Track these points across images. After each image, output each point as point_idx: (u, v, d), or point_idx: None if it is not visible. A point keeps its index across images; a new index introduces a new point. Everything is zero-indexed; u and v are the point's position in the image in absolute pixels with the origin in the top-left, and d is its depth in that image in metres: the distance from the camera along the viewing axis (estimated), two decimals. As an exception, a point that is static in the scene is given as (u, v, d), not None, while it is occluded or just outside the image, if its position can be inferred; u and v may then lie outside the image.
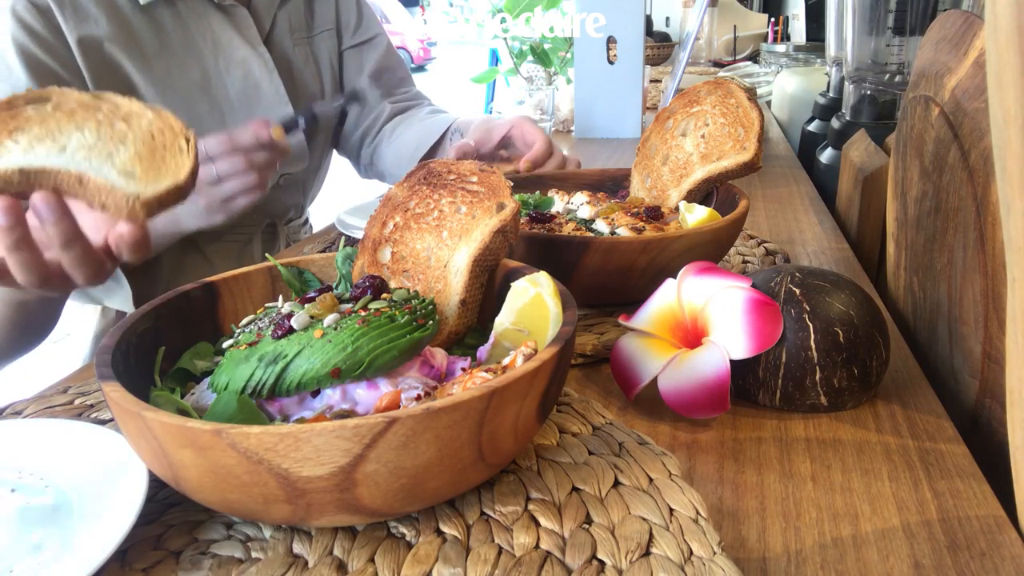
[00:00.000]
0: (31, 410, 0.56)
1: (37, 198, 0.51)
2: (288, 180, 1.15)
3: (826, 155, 1.29)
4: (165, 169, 0.50)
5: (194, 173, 0.50)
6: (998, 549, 0.41)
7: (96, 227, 0.62)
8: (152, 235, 0.71)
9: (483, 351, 0.50)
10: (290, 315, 0.46)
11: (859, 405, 0.54)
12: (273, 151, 0.84)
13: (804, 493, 0.46)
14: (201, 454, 0.36)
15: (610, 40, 1.58)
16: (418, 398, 0.43)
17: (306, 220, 1.26)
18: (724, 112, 0.77)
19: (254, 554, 0.41)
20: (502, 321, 0.50)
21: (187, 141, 0.51)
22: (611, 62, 1.59)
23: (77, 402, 0.58)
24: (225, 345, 0.50)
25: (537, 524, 0.42)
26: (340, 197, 1.38)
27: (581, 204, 0.76)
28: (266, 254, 0.80)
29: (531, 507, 0.43)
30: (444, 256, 0.54)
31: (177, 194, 0.50)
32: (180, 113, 0.85)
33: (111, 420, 0.54)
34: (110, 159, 0.49)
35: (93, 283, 0.61)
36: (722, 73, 2.55)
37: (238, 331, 0.50)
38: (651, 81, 2.09)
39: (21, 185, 0.49)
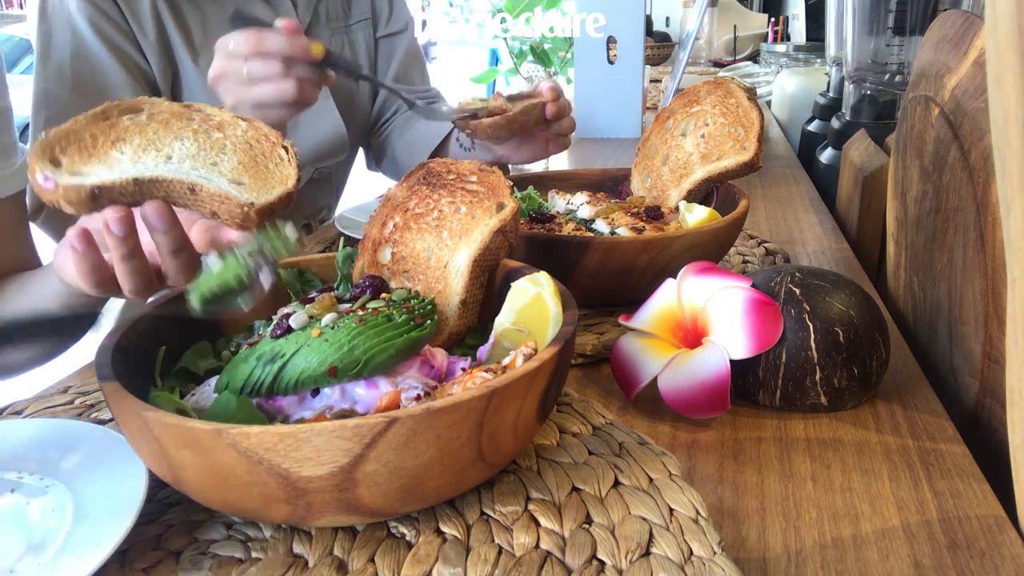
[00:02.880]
0: (31, 410, 0.56)
1: (149, 208, 0.50)
2: (322, 174, 1.15)
3: (826, 155, 1.29)
4: (271, 177, 0.51)
5: (299, 181, 0.51)
6: (998, 549, 0.41)
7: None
8: None
9: (483, 351, 0.50)
10: (289, 315, 0.46)
11: (859, 405, 0.54)
12: (312, 70, 0.78)
13: (804, 493, 0.46)
14: (201, 454, 0.36)
15: (610, 40, 1.58)
16: (418, 398, 0.43)
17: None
18: (724, 112, 0.77)
19: (254, 554, 0.41)
20: (502, 321, 0.50)
21: (286, 150, 0.52)
22: (611, 62, 1.59)
23: (77, 402, 0.58)
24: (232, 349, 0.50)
25: (537, 524, 0.42)
26: (345, 194, 1.38)
27: (581, 204, 0.76)
28: None
29: (531, 507, 0.43)
30: (444, 256, 0.54)
31: (287, 201, 0.50)
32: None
33: (111, 420, 0.54)
34: (216, 168, 0.50)
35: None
36: (722, 73, 2.55)
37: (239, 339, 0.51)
38: (651, 81, 2.09)
39: (134, 195, 0.49)
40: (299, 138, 1.06)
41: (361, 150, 1.33)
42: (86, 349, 1.10)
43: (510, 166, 1.10)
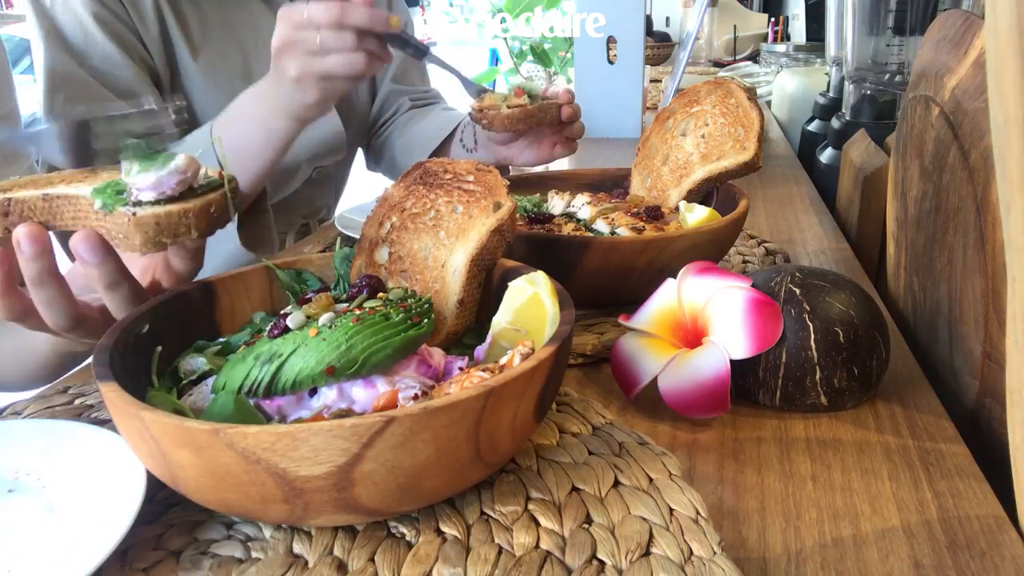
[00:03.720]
0: (31, 410, 0.56)
1: (78, 238, 0.49)
2: (321, 174, 1.15)
3: (826, 155, 1.29)
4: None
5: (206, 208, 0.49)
6: (998, 549, 0.40)
7: (143, 268, 0.59)
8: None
9: (480, 351, 0.50)
10: (286, 315, 0.46)
11: (859, 405, 0.54)
12: (380, 44, 0.77)
13: (804, 493, 0.46)
14: (199, 454, 0.36)
15: (610, 40, 1.58)
16: (415, 397, 0.43)
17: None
18: (724, 112, 0.77)
19: (254, 554, 0.41)
20: (499, 321, 0.49)
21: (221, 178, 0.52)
22: (611, 62, 1.59)
23: (77, 402, 0.58)
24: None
25: (537, 524, 0.42)
26: (345, 194, 1.38)
27: (582, 205, 0.76)
28: (262, 258, 0.74)
29: (531, 507, 0.43)
30: (441, 256, 0.54)
31: (181, 216, 0.48)
32: (223, 101, 0.85)
33: (110, 420, 0.54)
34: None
35: None
36: (722, 73, 2.55)
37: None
38: (651, 81, 2.09)
39: (44, 213, 0.49)
40: (297, 138, 1.06)
41: (360, 150, 1.33)
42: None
43: (511, 168, 1.10)
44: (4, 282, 0.50)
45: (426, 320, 0.47)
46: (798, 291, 0.53)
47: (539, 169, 1.12)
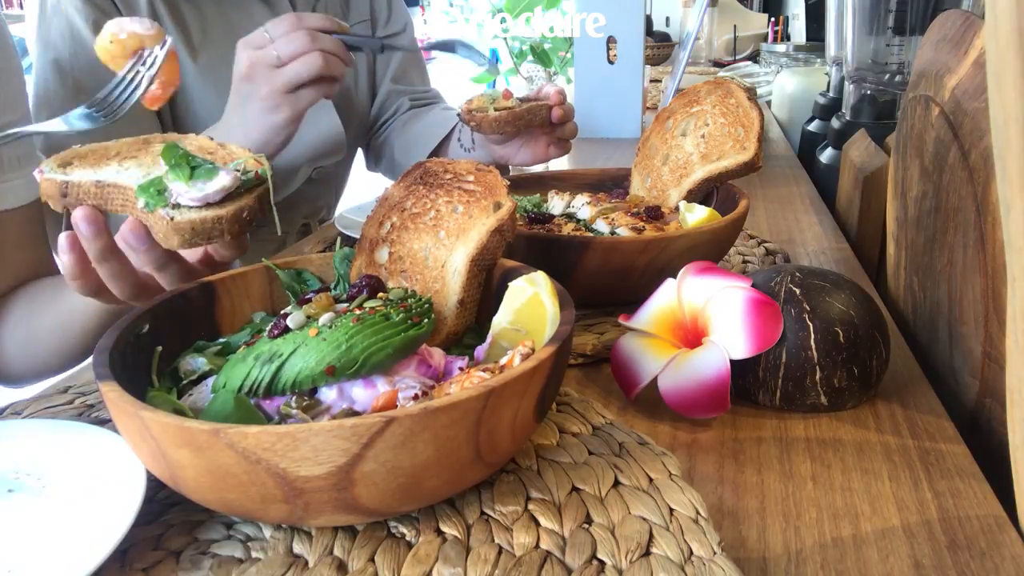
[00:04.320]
0: (31, 410, 0.56)
1: (125, 228, 0.53)
2: (321, 174, 1.15)
3: (826, 155, 1.29)
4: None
5: (250, 206, 0.53)
6: (998, 549, 0.40)
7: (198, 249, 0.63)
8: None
9: (480, 351, 0.50)
10: (286, 315, 0.46)
11: (859, 405, 0.54)
12: (337, 44, 0.78)
13: (804, 493, 0.46)
14: (199, 454, 0.36)
15: (610, 40, 1.58)
16: (416, 397, 0.43)
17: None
18: (724, 112, 0.77)
19: (254, 554, 0.41)
20: (499, 321, 0.49)
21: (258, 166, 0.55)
22: (611, 62, 1.59)
23: (77, 402, 0.58)
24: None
25: (537, 524, 0.42)
26: (345, 194, 1.38)
27: (582, 205, 0.76)
28: (263, 258, 0.77)
29: (531, 507, 0.43)
30: (442, 256, 0.54)
31: (213, 223, 0.52)
32: (224, 103, 0.85)
33: (111, 420, 0.54)
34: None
35: None
36: (722, 73, 2.55)
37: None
38: (651, 81, 2.09)
39: (97, 198, 0.53)
40: (296, 138, 1.06)
41: (360, 150, 1.33)
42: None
43: (510, 168, 1.10)
44: (78, 264, 0.55)
45: (426, 320, 0.47)
46: (798, 291, 0.53)
47: (539, 169, 1.12)
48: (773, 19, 3.62)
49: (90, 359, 0.51)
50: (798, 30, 3.18)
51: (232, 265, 1.02)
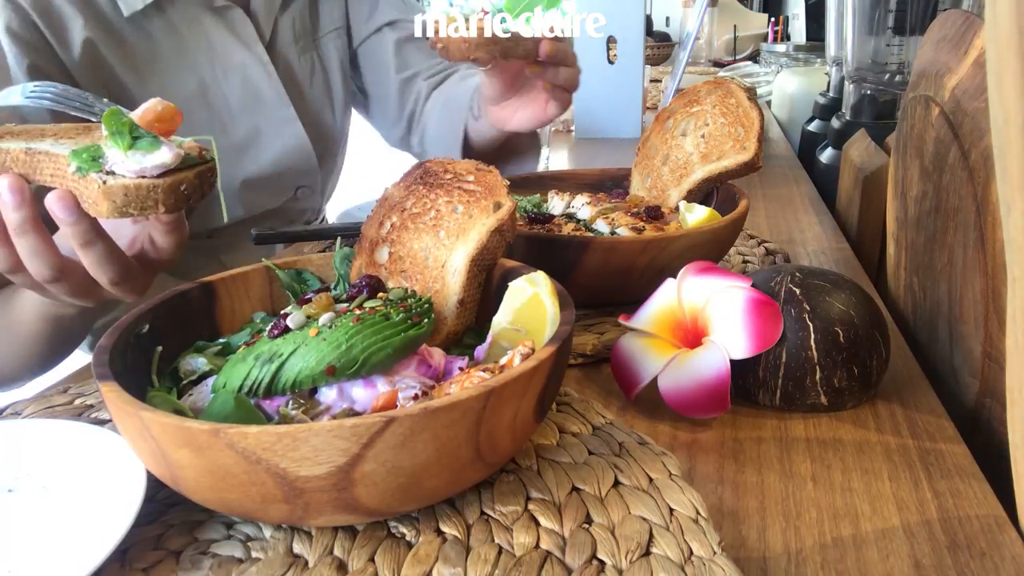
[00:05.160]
0: (31, 410, 0.56)
1: (52, 197, 0.50)
2: (304, 192, 1.13)
3: (826, 155, 1.29)
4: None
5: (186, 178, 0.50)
6: (998, 549, 0.40)
7: (131, 238, 0.60)
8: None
9: (481, 351, 0.50)
10: (286, 315, 0.46)
11: (859, 405, 0.54)
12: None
13: (804, 493, 0.46)
14: (199, 454, 0.36)
15: (610, 40, 1.58)
16: (416, 397, 0.43)
17: (323, 220, 1.25)
18: (724, 112, 0.77)
19: (254, 554, 0.41)
20: (499, 321, 0.49)
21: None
22: (611, 62, 1.59)
23: (77, 402, 0.58)
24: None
25: (537, 524, 0.42)
26: (348, 191, 1.36)
27: (582, 205, 0.76)
28: (263, 258, 0.69)
29: (531, 507, 0.43)
30: (442, 256, 0.54)
31: (156, 190, 0.49)
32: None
33: (111, 420, 0.54)
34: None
35: (122, 289, 0.57)
36: (722, 73, 2.55)
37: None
38: (651, 81, 2.09)
39: (26, 167, 0.51)
40: (262, 161, 1.03)
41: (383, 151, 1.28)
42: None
43: (507, 170, 1.09)
44: None
45: (426, 320, 0.47)
46: (798, 291, 0.53)
47: (539, 169, 1.12)
48: (773, 19, 3.62)
49: (90, 361, 0.50)
50: (798, 30, 3.17)
51: (193, 269, 1.00)
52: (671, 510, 0.42)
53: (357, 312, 0.46)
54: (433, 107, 1.18)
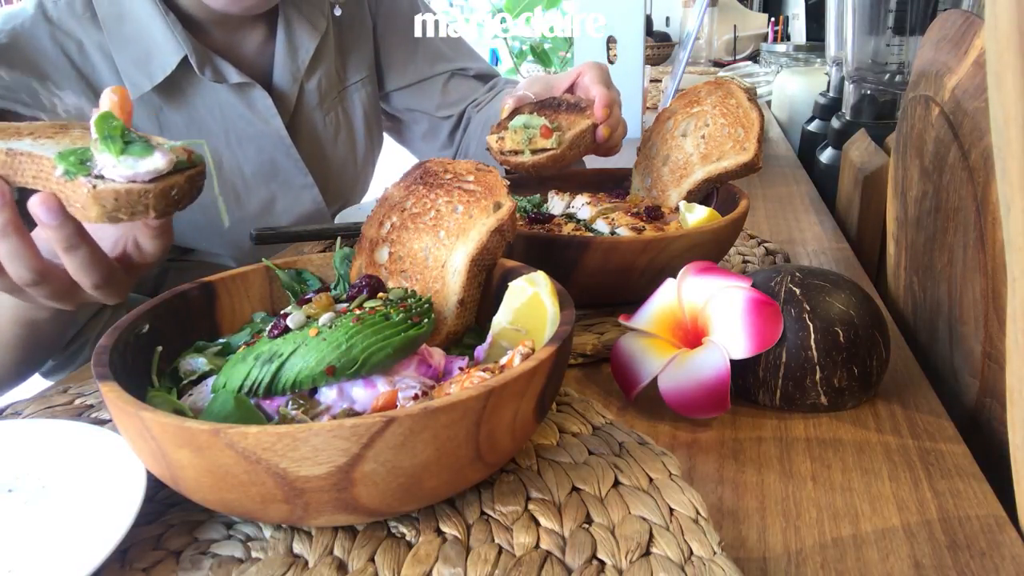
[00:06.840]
0: (31, 410, 0.56)
1: (35, 200, 0.48)
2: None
3: (826, 155, 1.29)
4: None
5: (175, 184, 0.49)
6: (998, 549, 0.40)
7: (115, 241, 0.58)
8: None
9: (481, 351, 0.50)
10: (286, 315, 0.46)
11: (859, 405, 0.54)
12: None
13: (804, 493, 0.46)
14: (199, 454, 0.36)
15: (610, 40, 1.58)
16: (415, 397, 0.43)
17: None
18: (724, 112, 0.77)
19: (254, 554, 0.41)
20: (499, 321, 0.49)
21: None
22: (611, 62, 1.59)
23: (77, 402, 0.58)
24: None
25: (537, 524, 0.42)
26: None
27: (582, 205, 0.76)
28: (263, 258, 0.69)
29: (531, 507, 0.43)
30: (442, 256, 0.54)
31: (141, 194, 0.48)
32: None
33: (111, 420, 0.54)
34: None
35: (104, 292, 0.56)
36: (722, 73, 2.55)
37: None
38: (651, 81, 2.09)
39: (4, 167, 0.49)
40: (277, 216, 1.03)
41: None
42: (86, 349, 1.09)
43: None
44: None
45: (426, 320, 0.47)
46: (798, 291, 0.53)
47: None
48: (773, 19, 3.62)
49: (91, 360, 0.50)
50: (798, 30, 3.17)
51: (175, 275, 0.99)
52: (671, 510, 0.42)
53: (357, 312, 0.46)
54: (475, 132, 1.17)
